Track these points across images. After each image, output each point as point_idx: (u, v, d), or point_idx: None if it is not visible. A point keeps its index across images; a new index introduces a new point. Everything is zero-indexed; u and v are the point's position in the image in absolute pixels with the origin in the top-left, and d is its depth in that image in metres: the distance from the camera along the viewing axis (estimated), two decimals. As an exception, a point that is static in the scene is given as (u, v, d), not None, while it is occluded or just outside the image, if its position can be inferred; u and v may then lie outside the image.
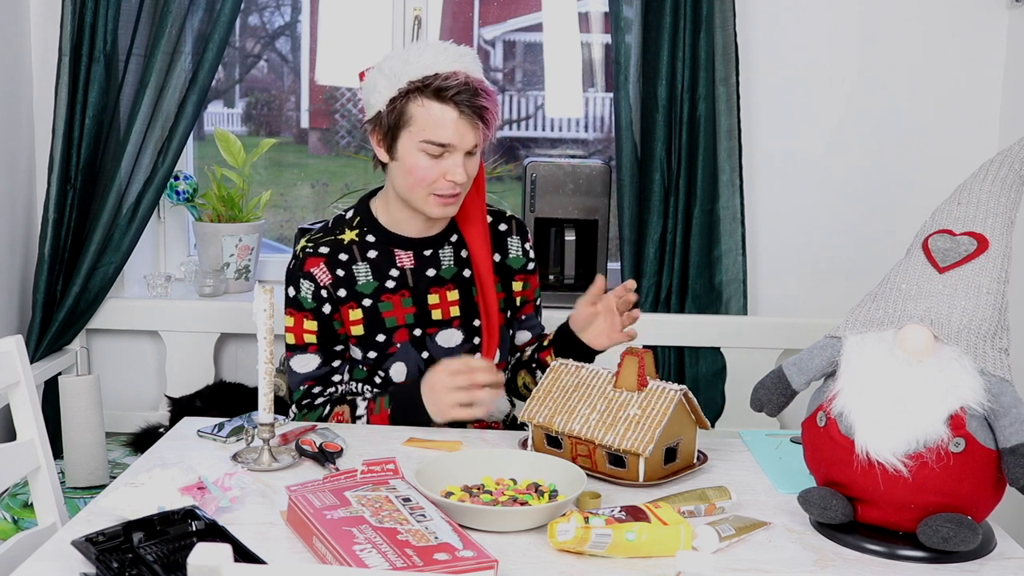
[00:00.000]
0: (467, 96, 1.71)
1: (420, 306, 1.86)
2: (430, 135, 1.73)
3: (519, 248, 1.97)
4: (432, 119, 1.73)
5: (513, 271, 1.97)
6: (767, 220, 2.75)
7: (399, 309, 1.85)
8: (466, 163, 1.76)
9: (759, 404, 1.52)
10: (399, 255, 1.86)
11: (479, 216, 1.89)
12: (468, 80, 1.72)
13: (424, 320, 1.86)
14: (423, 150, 1.74)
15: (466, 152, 1.76)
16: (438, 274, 1.88)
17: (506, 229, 1.97)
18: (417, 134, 1.74)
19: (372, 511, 1.31)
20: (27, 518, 2.14)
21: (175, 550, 1.28)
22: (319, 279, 1.83)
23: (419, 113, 1.73)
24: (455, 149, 1.74)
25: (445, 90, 1.71)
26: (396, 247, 1.86)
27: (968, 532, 1.30)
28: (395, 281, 1.85)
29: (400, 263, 1.86)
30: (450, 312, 1.88)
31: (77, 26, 2.50)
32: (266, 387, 1.60)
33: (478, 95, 1.72)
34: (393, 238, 1.87)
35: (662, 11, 2.54)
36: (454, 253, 1.90)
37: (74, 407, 2.36)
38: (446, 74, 1.72)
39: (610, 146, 2.95)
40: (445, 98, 1.71)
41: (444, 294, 1.88)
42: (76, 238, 2.59)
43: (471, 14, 3.06)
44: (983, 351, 1.34)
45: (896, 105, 2.71)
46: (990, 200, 1.42)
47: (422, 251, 1.88)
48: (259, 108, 3.23)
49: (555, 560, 1.30)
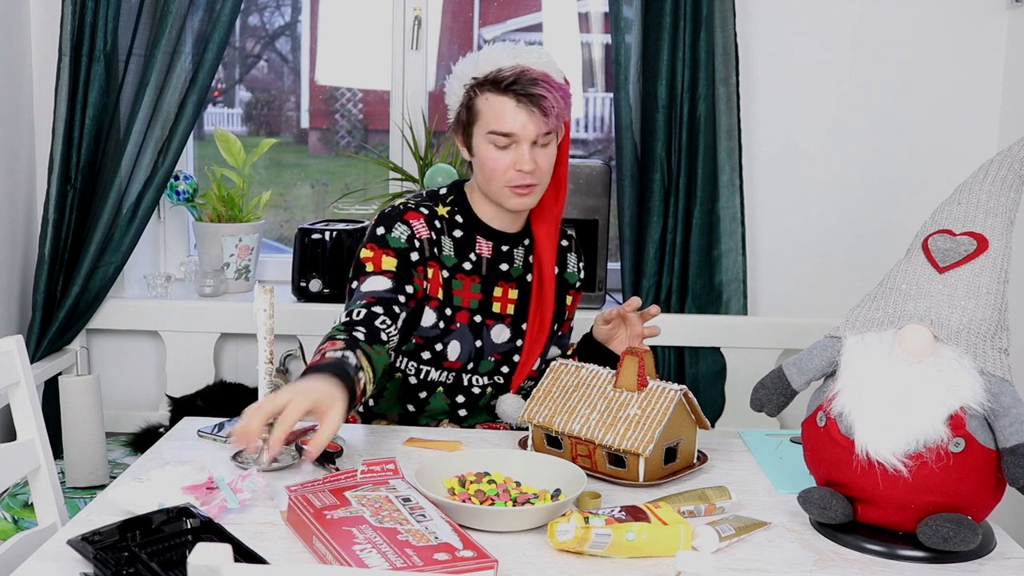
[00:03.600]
0: (523, 85, 1.77)
1: (486, 295, 1.90)
2: (493, 126, 1.79)
3: (575, 265, 2.05)
4: (493, 111, 1.79)
5: (568, 285, 2.03)
6: (767, 220, 2.75)
7: (467, 292, 1.89)
8: (536, 154, 1.80)
9: (759, 404, 1.52)
10: (480, 242, 1.91)
11: (553, 218, 1.93)
12: (526, 70, 1.78)
13: (485, 310, 1.91)
14: (491, 142, 1.80)
15: (533, 142, 1.79)
16: (508, 271, 1.92)
17: (567, 245, 2.04)
18: (484, 127, 1.81)
19: (372, 511, 1.31)
20: (27, 518, 2.14)
21: (171, 548, 1.28)
22: (417, 230, 1.86)
23: (484, 107, 1.80)
24: (519, 138, 1.79)
25: (502, 81, 1.78)
26: (480, 234, 1.91)
27: (968, 532, 1.30)
28: (472, 264, 1.90)
29: (479, 250, 1.90)
30: (507, 309, 1.93)
31: (77, 26, 2.50)
32: (266, 387, 1.60)
33: (535, 84, 1.77)
34: (479, 225, 1.91)
35: (662, 11, 2.54)
36: (525, 255, 1.95)
37: (74, 407, 2.36)
38: (507, 67, 1.79)
39: (610, 146, 2.95)
40: (502, 88, 1.78)
41: (507, 291, 1.92)
42: (76, 238, 2.59)
43: (471, 14, 3.06)
44: (983, 351, 1.34)
45: (896, 105, 2.71)
46: (990, 200, 1.42)
47: (500, 245, 1.92)
48: (259, 108, 3.23)
49: (555, 560, 1.30)
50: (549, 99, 1.77)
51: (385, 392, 1.94)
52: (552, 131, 1.81)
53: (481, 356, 1.90)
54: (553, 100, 1.78)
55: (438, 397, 1.91)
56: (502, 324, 1.92)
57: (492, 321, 1.91)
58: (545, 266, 1.92)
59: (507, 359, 1.93)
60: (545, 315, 1.93)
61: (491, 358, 1.91)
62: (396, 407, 1.93)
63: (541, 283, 1.92)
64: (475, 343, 1.90)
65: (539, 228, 1.93)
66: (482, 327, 1.90)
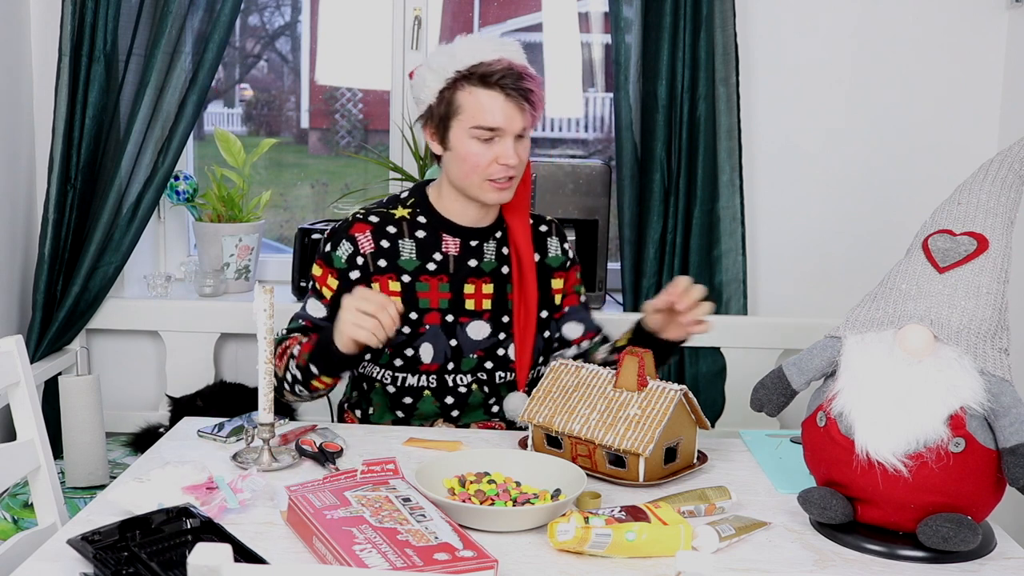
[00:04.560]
0: (512, 80, 1.77)
1: (456, 293, 1.89)
2: (479, 120, 1.78)
3: (558, 248, 2.01)
4: (480, 105, 1.78)
5: (552, 269, 2.00)
6: (767, 220, 2.75)
7: (435, 292, 1.87)
8: (517, 147, 1.81)
9: (759, 404, 1.52)
10: (446, 240, 1.90)
11: (524, 207, 1.93)
12: (512, 65, 1.78)
13: (457, 308, 1.89)
14: (475, 136, 1.79)
15: (516, 136, 1.80)
16: (479, 266, 1.91)
17: (546, 230, 2.01)
18: (467, 121, 1.79)
19: (372, 511, 1.31)
20: (27, 518, 2.14)
21: (171, 548, 1.28)
22: (360, 245, 1.86)
23: (468, 101, 1.79)
24: (504, 133, 1.79)
25: (490, 75, 1.77)
26: (445, 232, 1.90)
27: (968, 532, 1.30)
28: (437, 265, 1.88)
29: (445, 248, 1.89)
30: (483, 304, 1.90)
31: (77, 26, 2.50)
32: (266, 387, 1.60)
33: (522, 79, 1.78)
34: (444, 223, 1.90)
35: (662, 11, 2.54)
36: (497, 248, 1.93)
37: (74, 407, 2.36)
38: (490, 61, 1.78)
39: (610, 146, 2.95)
40: (491, 83, 1.77)
41: (480, 286, 1.90)
42: (76, 238, 2.59)
43: (471, 14, 3.06)
44: (983, 351, 1.34)
45: (896, 105, 2.71)
46: (990, 200, 1.42)
47: (468, 240, 1.91)
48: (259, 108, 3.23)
49: (555, 560, 1.30)
50: (536, 93, 1.79)
51: (372, 403, 1.94)
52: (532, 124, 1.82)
53: (461, 355, 1.88)
54: (539, 94, 1.80)
55: (426, 401, 1.89)
56: (479, 320, 1.89)
57: (467, 318, 1.89)
58: (524, 255, 1.90)
59: (491, 354, 1.90)
60: (529, 304, 1.90)
61: (472, 355, 1.89)
62: (387, 415, 1.93)
63: (521, 272, 1.90)
64: (450, 343, 1.87)
65: (512, 218, 1.91)
66: (455, 325, 1.88)
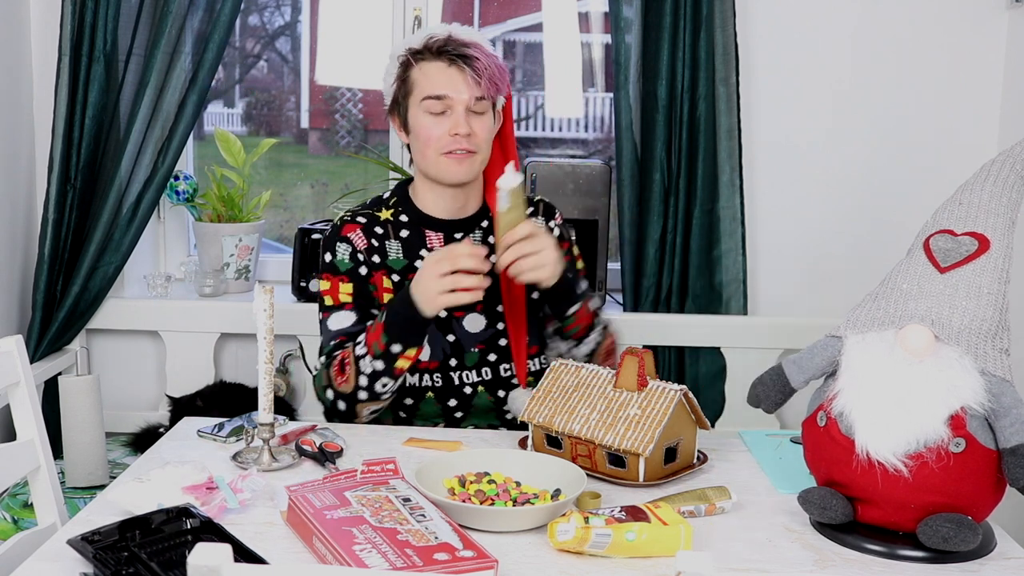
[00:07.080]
0: (454, 47, 1.80)
1: None
2: (427, 90, 1.80)
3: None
4: (426, 76, 1.81)
5: None
6: (767, 220, 2.75)
7: None
8: (472, 121, 1.80)
9: (756, 400, 1.52)
10: (430, 236, 1.89)
11: None
12: (453, 35, 1.82)
13: None
14: (426, 109, 1.81)
15: (469, 109, 1.79)
16: None
17: (532, 211, 1.99)
18: (418, 95, 1.82)
19: (372, 511, 1.31)
20: (27, 518, 2.14)
21: (171, 548, 1.28)
22: (355, 243, 1.86)
23: (418, 76, 1.82)
24: (453, 101, 1.79)
25: (433, 46, 1.81)
26: (428, 228, 1.89)
27: (968, 532, 1.30)
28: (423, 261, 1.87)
29: (430, 244, 1.89)
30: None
31: (77, 26, 2.50)
32: (266, 387, 1.60)
33: (466, 47, 1.80)
34: (425, 219, 1.90)
35: (662, 11, 2.54)
36: (483, 237, 1.92)
37: (74, 407, 2.36)
38: (437, 34, 1.82)
39: (610, 146, 2.95)
40: (435, 52, 1.81)
41: None
42: (76, 238, 2.59)
43: (471, 14, 3.06)
44: (984, 351, 1.34)
45: (896, 105, 2.71)
46: (991, 200, 1.42)
47: (452, 234, 1.90)
48: (259, 108, 3.23)
49: (555, 560, 1.30)
50: (482, 60, 1.79)
51: None
52: (486, 97, 1.81)
53: (462, 350, 1.87)
54: (486, 62, 1.80)
55: (428, 402, 1.88)
56: (474, 313, 1.88)
57: (461, 312, 1.88)
58: None
59: (492, 346, 1.89)
60: (516, 289, 1.89)
61: (474, 349, 1.88)
62: (388, 415, 1.91)
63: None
64: (447, 338, 1.87)
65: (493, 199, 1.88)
66: (451, 320, 1.87)
